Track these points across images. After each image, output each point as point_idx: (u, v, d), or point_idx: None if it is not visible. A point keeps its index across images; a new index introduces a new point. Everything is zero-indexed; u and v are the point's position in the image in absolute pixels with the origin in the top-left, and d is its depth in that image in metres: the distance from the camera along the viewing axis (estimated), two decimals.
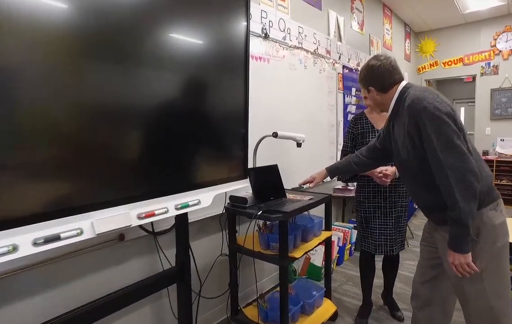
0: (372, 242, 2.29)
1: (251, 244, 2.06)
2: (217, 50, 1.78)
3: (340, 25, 3.97)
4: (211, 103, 1.78)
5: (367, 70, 1.62)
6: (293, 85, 3.12)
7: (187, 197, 1.64)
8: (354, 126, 2.36)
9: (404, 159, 1.51)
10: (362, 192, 2.33)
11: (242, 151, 2.02)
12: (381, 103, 1.60)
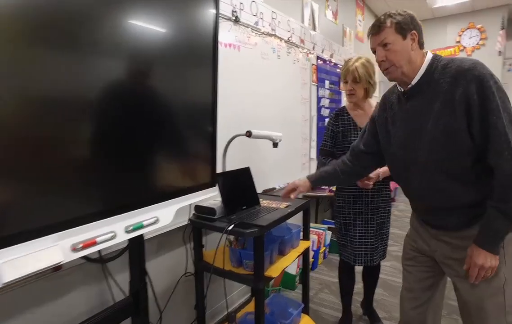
0: (352, 252, 2.08)
1: (221, 261, 1.77)
2: (179, 33, 1.44)
3: (314, 13, 3.72)
4: (171, 97, 1.45)
5: (407, 14, 1.27)
6: (265, 76, 2.82)
7: (142, 214, 1.31)
8: (334, 123, 2.13)
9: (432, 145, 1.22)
10: (341, 196, 2.11)
11: (210, 154, 1.71)
12: (407, 62, 1.24)
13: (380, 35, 1.26)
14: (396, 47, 1.24)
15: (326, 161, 2.09)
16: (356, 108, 2.10)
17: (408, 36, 1.24)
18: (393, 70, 1.26)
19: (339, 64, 4.34)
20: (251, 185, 1.99)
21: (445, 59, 1.24)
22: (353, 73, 1.99)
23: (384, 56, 1.26)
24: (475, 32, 5.85)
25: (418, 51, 1.27)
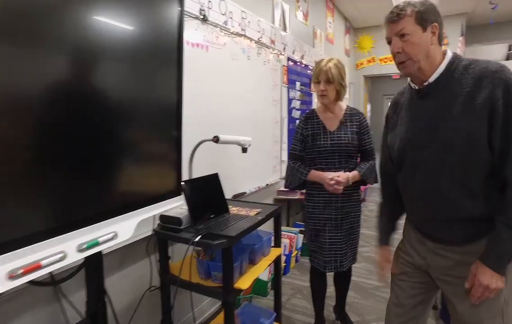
0: (322, 258, 2.03)
1: (188, 273, 1.67)
2: (140, 29, 1.33)
3: (285, 13, 3.68)
4: (131, 97, 1.33)
5: (429, 4, 1.13)
6: (235, 77, 2.74)
7: (97, 230, 1.19)
8: (304, 126, 2.07)
9: (446, 150, 1.12)
10: (311, 202, 2.06)
11: (175, 159, 1.60)
12: (425, 57, 1.13)
13: (399, 24, 1.14)
14: (414, 39, 1.12)
15: (295, 165, 2.05)
16: (326, 111, 2.05)
17: (428, 28, 1.13)
18: (410, 64, 1.15)
19: (310, 66, 4.34)
20: (219, 192, 1.91)
21: (468, 59, 1.15)
22: (327, 73, 1.94)
23: (400, 47, 1.14)
24: None
25: (437, 47, 1.16)
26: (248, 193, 2.98)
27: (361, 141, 2.02)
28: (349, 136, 1.98)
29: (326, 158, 1.98)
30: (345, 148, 1.96)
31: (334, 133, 1.99)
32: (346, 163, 1.98)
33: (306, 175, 2.00)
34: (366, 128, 2.04)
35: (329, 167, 1.97)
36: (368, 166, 2.01)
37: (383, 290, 2.84)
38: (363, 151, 2.05)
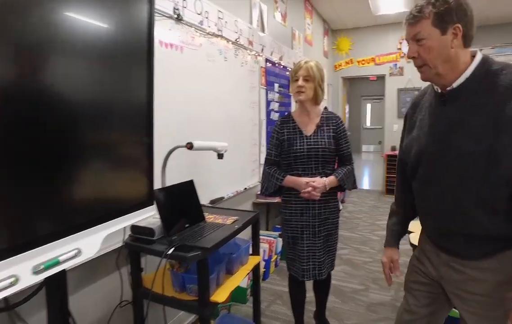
0: (299, 267, 1.97)
1: (162, 286, 1.58)
2: (107, 26, 1.24)
3: (263, 14, 3.63)
4: (97, 99, 1.23)
5: (453, 2, 1.02)
6: (211, 79, 2.66)
7: (57, 248, 1.08)
8: (280, 130, 2.00)
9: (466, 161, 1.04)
10: (288, 209, 2.00)
11: (146, 167, 1.51)
12: (443, 62, 1.04)
13: (415, 27, 1.06)
14: (431, 43, 1.04)
15: (271, 171, 1.99)
16: (302, 115, 1.99)
17: (449, 31, 1.03)
18: (426, 70, 1.08)
19: (288, 67, 4.31)
20: (195, 200, 1.82)
21: (500, 63, 1.04)
22: (307, 69, 1.89)
23: (416, 52, 1.07)
24: None
25: (461, 49, 1.05)
26: (226, 198, 2.90)
27: (338, 146, 1.97)
28: (326, 140, 1.93)
29: (302, 163, 1.92)
30: (321, 153, 1.91)
31: (310, 138, 1.93)
32: (323, 169, 1.93)
33: (281, 181, 1.95)
34: (343, 133, 1.99)
35: (306, 172, 1.92)
36: (346, 171, 1.97)
37: (362, 293, 2.83)
38: (341, 156, 2.01)
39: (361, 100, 12.49)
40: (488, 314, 1.10)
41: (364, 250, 3.77)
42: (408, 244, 3.92)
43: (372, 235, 4.27)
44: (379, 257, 3.58)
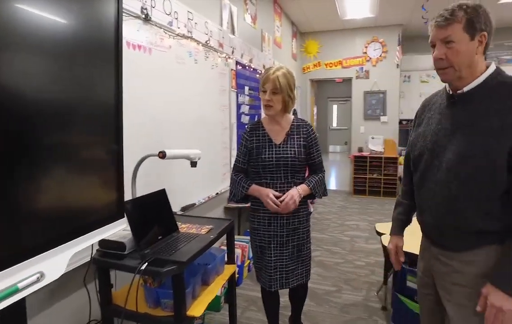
0: (267, 277, 1.87)
1: (134, 302, 1.49)
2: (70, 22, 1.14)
3: (233, 15, 3.58)
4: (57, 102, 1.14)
5: (482, 10, 1.09)
6: (181, 82, 2.58)
7: (17, 272, 0.98)
8: (248, 138, 1.91)
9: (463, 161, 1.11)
10: (256, 218, 1.90)
11: (115, 177, 1.42)
12: (467, 66, 1.11)
13: (446, 30, 1.10)
14: (460, 47, 1.09)
15: (237, 178, 1.92)
16: (272, 123, 1.91)
17: (476, 37, 1.09)
18: (450, 72, 1.13)
19: (258, 70, 4.29)
20: (167, 209, 1.75)
21: (508, 76, 1.13)
22: (274, 82, 1.78)
23: (443, 54, 1.11)
24: (378, 45, 6.41)
25: (481, 57, 1.12)
26: (198, 204, 2.83)
27: (309, 154, 1.90)
28: (296, 149, 1.85)
29: (271, 172, 1.84)
30: (291, 162, 1.83)
31: (280, 146, 1.85)
32: (292, 178, 1.85)
33: (247, 189, 1.87)
34: (314, 141, 1.93)
35: (274, 181, 1.84)
36: (317, 179, 1.91)
37: (335, 295, 2.87)
38: (312, 164, 1.94)
39: (327, 101, 12.77)
40: (469, 304, 1.15)
41: (335, 251, 3.83)
42: (379, 244, 4.03)
43: (342, 235, 4.35)
44: (350, 257, 3.65)
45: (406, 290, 1.98)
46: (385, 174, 6.27)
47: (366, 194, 6.40)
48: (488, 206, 1.11)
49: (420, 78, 6.58)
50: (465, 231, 1.15)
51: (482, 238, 1.14)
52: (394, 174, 6.23)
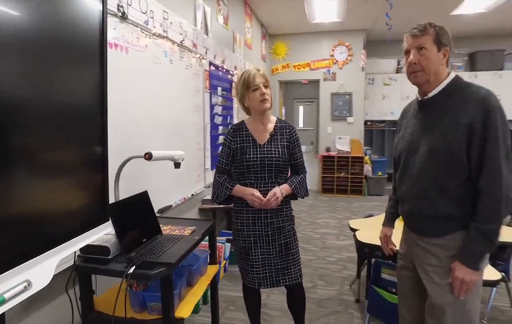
0: (256, 276, 1.88)
1: (118, 308, 1.45)
2: (49, 20, 1.10)
3: (207, 16, 3.57)
4: (42, 109, 1.09)
5: (445, 31, 1.35)
6: (157, 82, 2.54)
7: (3, 282, 0.93)
8: (232, 139, 1.91)
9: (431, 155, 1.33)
10: (240, 218, 1.89)
11: (100, 181, 1.38)
12: (434, 73, 1.34)
13: (420, 39, 1.32)
14: (431, 55, 1.32)
15: (220, 179, 1.89)
16: (256, 123, 1.92)
17: (442, 50, 1.33)
18: (421, 75, 1.34)
19: (230, 71, 4.30)
20: (150, 212, 1.73)
21: (465, 82, 1.35)
22: (264, 76, 1.88)
23: (417, 59, 1.33)
24: (344, 49, 6.65)
25: (445, 67, 1.36)
26: (175, 206, 2.79)
27: (291, 155, 1.93)
28: (279, 150, 1.87)
29: (255, 172, 1.84)
30: (275, 163, 1.84)
31: (263, 147, 1.87)
32: (276, 178, 1.87)
33: (230, 190, 1.86)
34: (297, 142, 1.96)
35: (258, 182, 1.85)
36: (299, 179, 1.94)
37: (311, 290, 2.96)
38: (294, 164, 1.97)
39: (294, 102, 13.01)
40: (442, 281, 1.36)
41: (308, 249, 3.93)
42: (349, 240, 4.18)
43: (313, 233, 4.48)
44: (322, 254, 3.77)
45: (381, 282, 2.09)
46: (352, 173, 6.52)
47: (334, 193, 6.61)
48: (452, 194, 1.32)
49: (383, 81, 6.90)
50: (436, 217, 1.37)
51: (450, 223, 1.35)
52: (360, 173, 6.50)
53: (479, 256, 1.29)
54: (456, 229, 1.34)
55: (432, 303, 1.39)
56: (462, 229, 1.32)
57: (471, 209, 1.30)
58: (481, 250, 1.28)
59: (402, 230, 1.63)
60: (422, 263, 1.43)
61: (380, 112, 7.03)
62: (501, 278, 1.93)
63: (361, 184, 6.49)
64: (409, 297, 1.57)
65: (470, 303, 1.34)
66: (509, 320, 2.52)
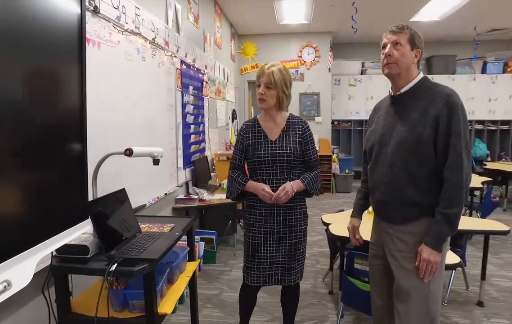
0: (262, 273, 1.87)
1: (95, 308, 1.42)
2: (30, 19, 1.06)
3: (178, 14, 3.54)
4: (20, 106, 1.05)
5: (419, 35, 1.50)
6: (130, 80, 2.49)
7: None
8: (245, 134, 1.91)
9: (401, 147, 1.45)
10: (252, 213, 1.89)
11: (80, 179, 1.35)
12: (406, 68, 1.47)
13: (397, 35, 1.46)
14: (404, 51, 1.46)
15: (234, 175, 1.90)
16: (268, 120, 1.91)
17: (414, 50, 1.48)
18: (393, 67, 1.48)
19: (202, 70, 4.29)
20: (129, 210, 1.70)
21: (431, 82, 1.51)
22: (268, 76, 1.80)
23: (392, 52, 1.46)
24: (312, 50, 6.84)
25: (415, 67, 1.51)
26: (148, 205, 2.75)
27: (304, 151, 1.90)
28: (291, 145, 1.84)
29: (267, 168, 1.84)
30: (286, 159, 1.82)
31: (275, 143, 1.85)
32: (288, 174, 1.84)
33: (243, 186, 1.86)
34: (309, 138, 1.92)
35: (270, 178, 1.84)
36: (313, 176, 1.90)
37: None
38: (307, 161, 1.93)
39: None
40: (409, 265, 1.48)
41: None
42: (320, 236, 4.32)
43: None
44: None
45: (354, 272, 2.19)
46: (321, 171, 6.69)
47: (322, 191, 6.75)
48: (420, 183, 1.45)
49: (349, 82, 7.16)
50: (404, 204, 1.48)
51: (417, 210, 1.47)
52: (328, 171, 6.70)
53: (442, 238, 1.41)
54: (423, 216, 1.46)
55: (398, 286, 1.51)
56: (429, 216, 1.44)
57: (437, 198, 1.42)
58: (444, 233, 1.41)
59: (372, 221, 1.73)
60: (391, 249, 1.54)
61: (346, 112, 7.30)
62: (459, 262, 2.09)
63: (330, 181, 6.70)
64: (379, 283, 1.68)
65: (433, 285, 1.46)
66: (466, 301, 2.74)
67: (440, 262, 1.42)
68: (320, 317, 2.53)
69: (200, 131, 4.31)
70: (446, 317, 2.50)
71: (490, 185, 4.13)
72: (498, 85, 7.06)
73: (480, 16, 5.64)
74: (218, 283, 3.07)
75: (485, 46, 7.17)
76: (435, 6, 5.22)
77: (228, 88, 5.85)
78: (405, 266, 1.49)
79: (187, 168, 3.88)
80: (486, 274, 2.67)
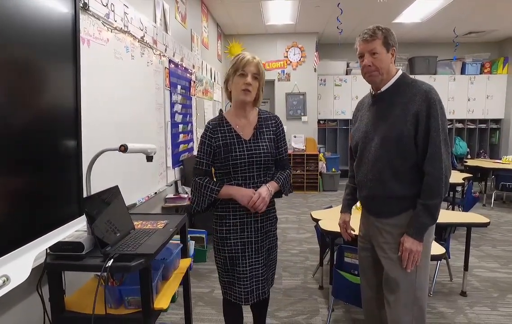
0: (242, 290, 1.67)
1: (92, 305, 1.41)
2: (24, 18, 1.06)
3: (166, 13, 3.53)
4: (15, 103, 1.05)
5: (391, 33, 1.52)
6: (119, 78, 2.47)
7: None
8: (213, 135, 1.68)
9: (384, 143, 1.49)
10: (225, 225, 1.68)
11: (74, 176, 1.35)
12: (386, 71, 1.52)
13: (372, 44, 1.49)
14: (382, 57, 1.49)
15: (203, 182, 1.66)
16: (238, 117, 1.71)
17: (390, 51, 1.51)
18: (376, 75, 1.52)
19: (189, 69, 4.28)
20: (122, 206, 1.69)
21: (410, 78, 1.55)
22: (257, 66, 1.63)
23: (371, 62, 1.50)
24: (298, 51, 6.92)
25: (393, 65, 1.55)
26: (139, 204, 2.73)
27: (277, 148, 1.75)
28: (267, 144, 1.69)
29: (242, 171, 1.65)
30: (264, 159, 1.66)
31: (249, 142, 1.67)
32: (264, 176, 1.70)
33: (218, 192, 1.64)
34: (282, 134, 1.79)
35: (247, 182, 1.66)
36: (286, 175, 1.77)
37: (277, 281, 3.04)
38: (280, 159, 1.78)
39: None
40: (394, 256, 1.55)
41: None
42: (308, 233, 4.36)
43: None
44: (285, 247, 3.90)
45: (344, 266, 2.24)
46: (308, 170, 6.79)
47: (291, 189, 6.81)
48: (403, 177, 1.51)
49: (334, 82, 7.29)
50: (389, 198, 1.54)
51: (401, 203, 1.53)
52: (315, 170, 6.79)
53: (423, 228, 1.47)
54: (407, 208, 1.52)
55: (388, 277, 1.57)
56: (413, 208, 1.50)
57: (419, 191, 1.49)
58: (425, 223, 1.47)
59: (360, 216, 1.79)
60: (380, 242, 1.60)
61: (332, 111, 7.42)
62: (444, 253, 2.17)
63: (317, 180, 6.78)
64: (369, 274, 1.73)
65: (420, 274, 1.53)
66: (450, 291, 2.84)
67: (421, 251, 1.48)
68: (311, 312, 2.57)
69: (188, 130, 4.31)
70: (432, 307, 2.58)
71: (471, 181, 4.29)
72: (476, 86, 7.32)
73: (459, 18, 5.84)
74: (209, 281, 3.08)
75: (464, 47, 7.43)
76: (417, 8, 5.38)
77: (215, 88, 5.85)
78: (393, 258, 1.55)
79: (176, 167, 3.88)
80: (468, 265, 2.78)
